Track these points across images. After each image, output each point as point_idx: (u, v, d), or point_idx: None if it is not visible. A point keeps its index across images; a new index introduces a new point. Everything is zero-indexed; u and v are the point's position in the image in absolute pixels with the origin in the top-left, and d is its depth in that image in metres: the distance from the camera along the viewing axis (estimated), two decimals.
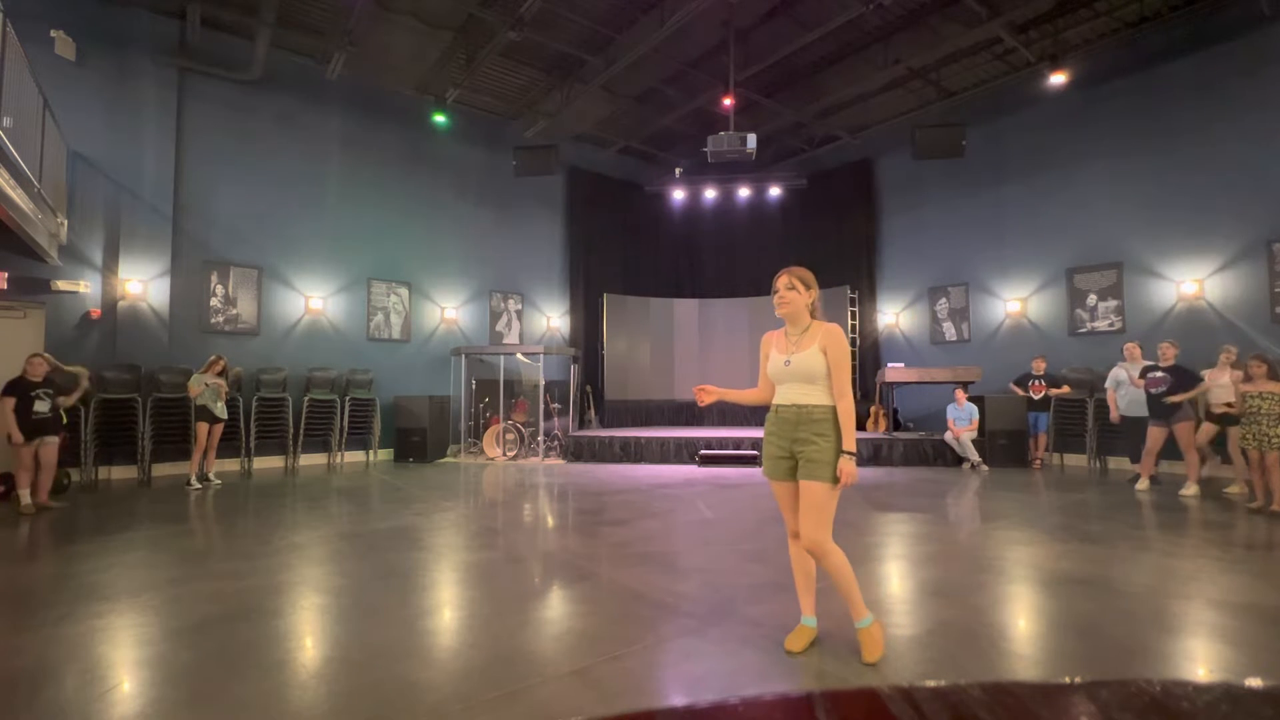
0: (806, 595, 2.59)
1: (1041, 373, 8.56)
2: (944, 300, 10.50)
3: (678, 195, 11.31)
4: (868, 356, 11.28)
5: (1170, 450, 6.52)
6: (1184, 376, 6.25)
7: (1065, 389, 8.40)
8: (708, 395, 2.69)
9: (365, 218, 9.61)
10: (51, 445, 5.60)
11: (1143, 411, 6.82)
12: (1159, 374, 6.33)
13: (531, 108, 10.46)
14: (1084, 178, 8.89)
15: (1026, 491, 6.50)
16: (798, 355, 2.49)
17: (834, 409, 2.44)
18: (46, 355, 5.78)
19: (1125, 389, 7.01)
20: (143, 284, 7.68)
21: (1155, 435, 6.43)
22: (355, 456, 9.21)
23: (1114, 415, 7.15)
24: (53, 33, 7.10)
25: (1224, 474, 6.95)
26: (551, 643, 2.63)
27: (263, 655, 2.49)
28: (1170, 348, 6.40)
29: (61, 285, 7.11)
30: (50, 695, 2.16)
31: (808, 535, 2.42)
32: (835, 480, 2.38)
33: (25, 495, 5.40)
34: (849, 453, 2.39)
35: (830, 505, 2.41)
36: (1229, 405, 6.08)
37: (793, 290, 2.52)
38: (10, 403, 5.37)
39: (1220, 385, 6.29)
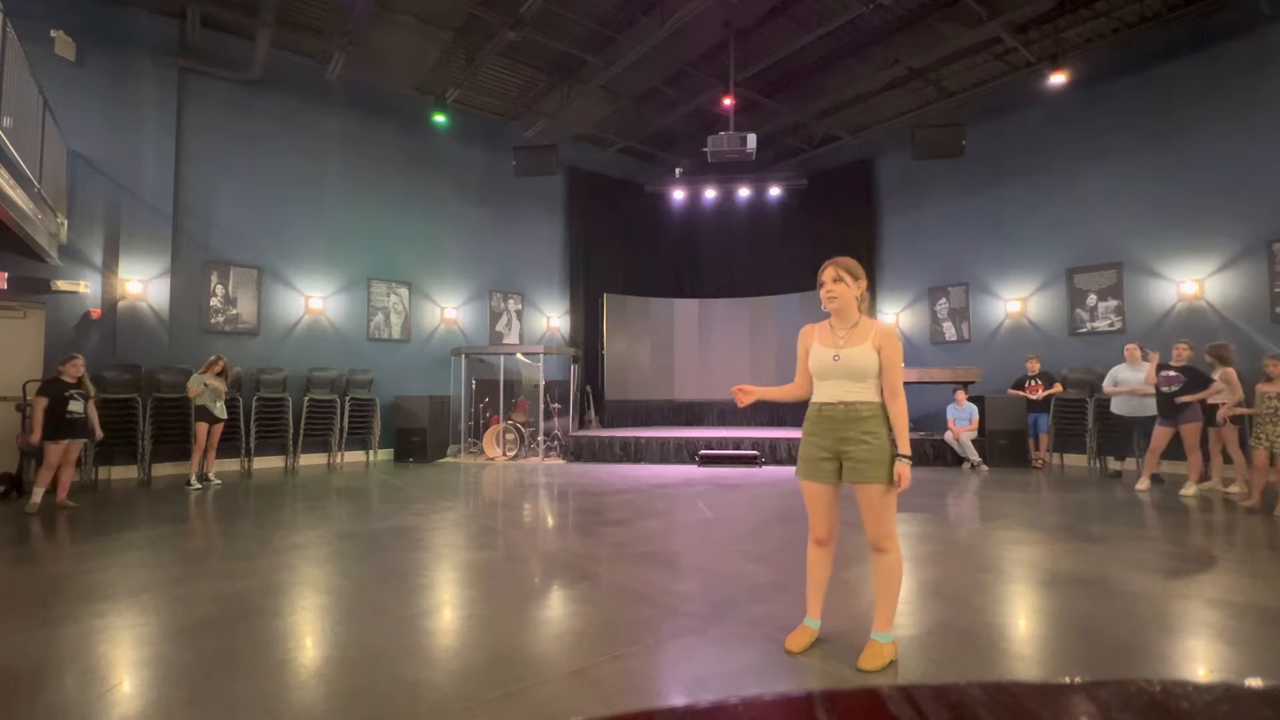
0: (815, 598, 2.56)
1: (1036, 372, 8.57)
2: (944, 300, 10.49)
3: (678, 195, 11.30)
4: None
5: (1171, 450, 6.51)
6: (1196, 377, 6.23)
7: (1057, 387, 8.41)
8: (747, 395, 2.57)
9: (365, 218, 9.61)
10: (78, 446, 5.69)
11: (1136, 411, 6.87)
12: (1172, 373, 6.32)
13: (531, 108, 10.46)
14: (1084, 178, 8.88)
15: (1026, 491, 6.50)
16: (847, 351, 2.38)
17: (882, 406, 2.38)
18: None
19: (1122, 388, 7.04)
20: (143, 284, 7.68)
21: (1161, 435, 6.40)
22: (355, 456, 9.21)
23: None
24: (53, 33, 7.10)
25: (1224, 473, 6.94)
26: (551, 643, 2.63)
27: (263, 655, 2.49)
28: (1185, 348, 6.37)
29: (61, 285, 7.11)
30: (50, 695, 2.16)
31: (877, 532, 2.36)
32: (891, 482, 2.31)
33: (38, 495, 5.40)
34: (905, 456, 2.31)
35: (890, 504, 2.35)
36: (1248, 406, 6.03)
37: (840, 283, 2.40)
38: (43, 402, 5.41)
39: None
